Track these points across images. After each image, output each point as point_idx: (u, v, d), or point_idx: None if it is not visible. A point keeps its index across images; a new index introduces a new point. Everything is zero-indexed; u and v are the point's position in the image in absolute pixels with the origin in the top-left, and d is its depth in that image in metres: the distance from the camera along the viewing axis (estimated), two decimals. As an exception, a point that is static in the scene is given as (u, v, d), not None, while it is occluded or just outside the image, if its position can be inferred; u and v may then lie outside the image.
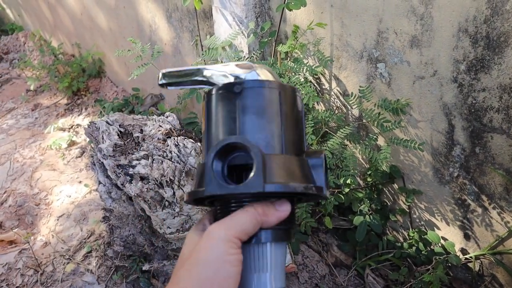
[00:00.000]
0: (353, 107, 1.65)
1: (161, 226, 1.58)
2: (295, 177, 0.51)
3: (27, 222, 2.40)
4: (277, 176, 0.49)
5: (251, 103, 0.52)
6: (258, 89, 0.53)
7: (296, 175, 0.51)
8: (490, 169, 1.34)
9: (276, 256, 0.52)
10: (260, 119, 0.52)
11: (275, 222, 0.50)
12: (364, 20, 1.45)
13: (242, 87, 0.53)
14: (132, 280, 1.86)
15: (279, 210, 0.51)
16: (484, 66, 1.21)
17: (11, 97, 4.00)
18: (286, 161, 0.51)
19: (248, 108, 0.52)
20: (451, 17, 1.22)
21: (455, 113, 1.35)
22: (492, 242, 1.45)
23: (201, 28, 2.19)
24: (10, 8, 5.50)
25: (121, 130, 1.67)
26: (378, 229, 1.66)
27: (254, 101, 0.53)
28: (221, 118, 0.53)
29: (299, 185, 0.50)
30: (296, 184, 0.50)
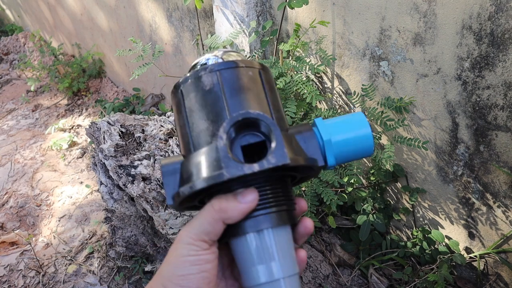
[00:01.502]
0: (356, 105, 1.64)
1: (163, 226, 1.57)
2: (301, 152, 0.49)
3: (29, 223, 2.39)
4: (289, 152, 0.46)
5: (235, 84, 0.50)
6: (237, 69, 0.51)
7: (300, 150, 0.49)
8: (495, 167, 1.33)
9: (279, 241, 0.47)
10: (248, 99, 0.49)
11: (239, 217, 0.45)
12: (366, 18, 1.44)
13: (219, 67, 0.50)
14: (135, 281, 1.86)
15: (242, 203, 0.45)
16: (489, 63, 1.20)
17: (12, 98, 3.99)
18: (287, 138, 0.48)
19: (233, 90, 0.49)
20: (454, 14, 1.21)
21: (459, 111, 1.34)
22: (497, 240, 1.44)
23: (202, 27, 2.18)
24: (10, 9, 5.49)
25: (123, 130, 1.66)
26: (381, 228, 1.65)
27: (237, 82, 0.50)
28: (204, 106, 0.49)
29: (312, 158, 0.49)
30: (310, 158, 0.48)
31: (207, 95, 0.49)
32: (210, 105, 0.49)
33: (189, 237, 0.45)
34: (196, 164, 0.47)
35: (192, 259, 0.45)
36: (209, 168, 0.45)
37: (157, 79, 3.00)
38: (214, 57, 0.54)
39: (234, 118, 0.45)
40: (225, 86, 0.49)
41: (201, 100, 0.49)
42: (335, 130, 0.51)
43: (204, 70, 0.50)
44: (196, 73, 0.50)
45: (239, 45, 1.85)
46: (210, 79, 0.49)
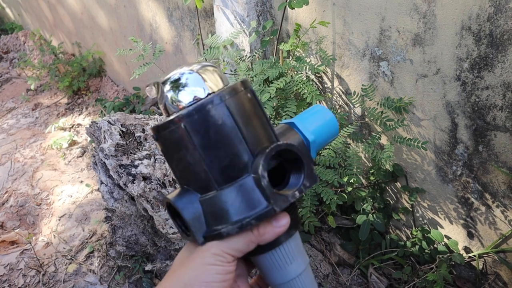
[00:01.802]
0: (356, 105, 1.64)
1: (164, 226, 1.57)
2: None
3: (29, 222, 2.40)
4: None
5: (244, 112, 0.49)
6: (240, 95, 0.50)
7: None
8: (494, 167, 1.34)
9: (292, 247, 0.54)
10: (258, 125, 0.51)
11: (273, 239, 0.50)
12: (366, 19, 1.44)
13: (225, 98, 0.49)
14: (135, 280, 1.86)
15: (277, 227, 0.50)
16: (488, 64, 1.21)
17: (11, 97, 4.00)
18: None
19: (244, 119, 0.49)
20: (454, 15, 1.22)
21: (458, 111, 1.35)
22: (495, 240, 1.45)
23: (203, 26, 2.18)
24: (10, 7, 5.49)
25: (123, 129, 1.66)
26: (381, 228, 1.65)
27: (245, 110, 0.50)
28: (220, 141, 0.48)
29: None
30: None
31: (222, 129, 0.48)
32: (226, 139, 0.48)
33: (219, 249, 0.48)
34: (233, 202, 0.48)
35: (218, 268, 0.48)
36: (254, 204, 0.48)
37: (157, 78, 3.00)
38: (189, 71, 0.52)
39: (269, 154, 0.47)
40: (236, 117, 0.48)
41: (216, 135, 0.48)
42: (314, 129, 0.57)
43: (210, 102, 0.48)
44: (202, 106, 0.48)
45: (239, 44, 1.85)
46: (220, 111, 0.48)
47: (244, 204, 0.48)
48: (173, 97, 0.51)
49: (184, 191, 0.51)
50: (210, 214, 0.49)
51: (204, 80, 0.51)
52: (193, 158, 0.48)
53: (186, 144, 0.48)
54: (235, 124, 0.48)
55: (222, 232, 0.48)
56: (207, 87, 0.51)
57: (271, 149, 0.47)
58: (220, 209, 0.48)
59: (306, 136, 0.56)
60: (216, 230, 0.48)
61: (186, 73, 0.52)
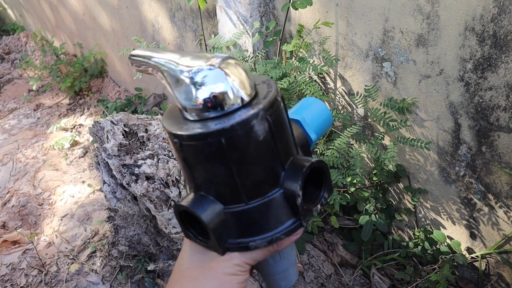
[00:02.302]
0: (359, 106, 1.65)
1: (167, 225, 1.57)
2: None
3: (31, 222, 2.40)
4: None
5: (281, 126, 0.47)
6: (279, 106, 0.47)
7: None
8: (497, 168, 1.34)
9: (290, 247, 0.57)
10: (289, 139, 0.49)
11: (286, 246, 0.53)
12: (370, 19, 1.45)
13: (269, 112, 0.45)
14: (137, 280, 1.86)
15: (294, 235, 0.51)
16: (491, 64, 1.21)
17: (13, 97, 4.00)
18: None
19: (280, 133, 0.46)
20: (457, 15, 1.22)
21: (461, 112, 1.35)
22: (498, 241, 1.45)
23: (205, 27, 2.19)
24: (11, 8, 5.50)
25: (126, 129, 1.67)
26: (383, 228, 1.65)
27: (282, 123, 0.47)
28: (258, 157, 0.45)
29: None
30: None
31: (261, 145, 0.44)
32: (264, 154, 0.45)
33: (241, 260, 0.49)
34: (262, 216, 0.47)
35: (238, 278, 0.49)
36: (283, 219, 0.48)
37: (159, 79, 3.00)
38: (209, 67, 0.44)
39: (305, 173, 0.46)
40: (274, 131, 0.45)
41: (255, 151, 0.44)
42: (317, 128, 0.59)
43: (255, 117, 0.43)
44: (246, 121, 0.43)
45: (242, 45, 1.85)
46: (262, 126, 0.44)
47: (274, 219, 0.47)
48: (205, 100, 0.44)
49: (203, 198, 0.47)
50: (235, 225, 0.48)
51: (239, 83, 0.45)
52: (225, 171, 0.45)
53: (220, 158, 0.44)
54: (273, 139, 0.45)
55: (250, 245, 0.47)
56: (245, 95, 0.45)
57: (307, 168, 0.46)
58: (248, 222, 0.47)
59: (310, 135, 0.57)
60: (242, 242, 0.48)
61: (221, 72, 0.44)
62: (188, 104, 0.45)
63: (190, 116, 0.45)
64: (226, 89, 0.43)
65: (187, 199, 0.48)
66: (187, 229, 0.50)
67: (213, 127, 0.42)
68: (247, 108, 0.44)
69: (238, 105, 0.44)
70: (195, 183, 0.48)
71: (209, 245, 0.49)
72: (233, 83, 0.44)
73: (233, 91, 0.44)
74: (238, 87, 0.44)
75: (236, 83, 0.44)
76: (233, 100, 0.44)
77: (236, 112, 0.44)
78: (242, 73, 0.46)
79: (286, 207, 0.47)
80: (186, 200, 0.48)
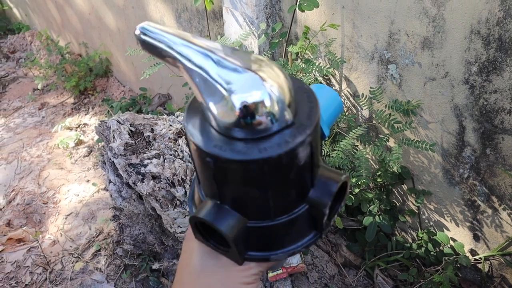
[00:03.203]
0: (364, 108, 1.66)
1: (172, 225, 1.59)
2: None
3: (35, 220, 2.42)
4: None
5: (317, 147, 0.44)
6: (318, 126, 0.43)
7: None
8: (501, 171, 1.35)
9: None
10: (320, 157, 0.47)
11: None
12: (375, 22, 1.46)
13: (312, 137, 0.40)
14: (142, 279, 1.88)
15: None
16: (496, 68, 1.22)
17: (18, 96, 4.02)
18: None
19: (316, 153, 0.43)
20: (463, 19, 1.23)
21: (466, 115, 1.36)
22: (502, 243, 1.45)
23: (211, 28, 2.20)
24: (17, 7, 5.53)
25: (132, 129, 1.68)
26: (387, 229, 1.66)
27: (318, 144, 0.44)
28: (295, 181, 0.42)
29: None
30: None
31: (301, 169, 0.42)
32: (301, 177, 0.43)
33: (259, 270, 0.49)
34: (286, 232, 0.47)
35: (253, 285, 0.50)
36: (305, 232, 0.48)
37: (164, 79, 3.02)
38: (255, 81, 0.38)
39: (334, 193, 0.44)
40: (314, 153, 0.42)
41: (295, 175, 0.42)
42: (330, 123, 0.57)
43: (301, 145, 0.39)
44: (293, 150, 0.38)
45: (248, 46, 1.87)
46: (306, 152, 0.41)
47: (296, 233, 0.47)
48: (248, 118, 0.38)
49: (225, 211, 0.44)
50: (258, 239, 0.46)
51: (286, 101, 0.39)
52: (259, 194, 0.42)
53: (258, 183, 0.41)
54: (311, 160, 0.42)
55: (271, 258, 0.47)
56: (290, 115, 0.40)
57: (336, 187, 0.44)
58: (272, 237, 0.46)
59: (324, 132, 0.54)
60: (264, 255, 0.47)
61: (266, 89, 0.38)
62: (225, 119, 0.39)
63: (223, 131, 0.40)
64: (272, 109, 0.38)
65: (205, 210, 0.44)
66: (205, 238, 0.47)
67: (257, 155, 0.38)
68: (292, 131, 0.40)
69: (283, 125, 0.40)
70: (220, 196, 0.44)
71: (228, 254, 0.47)
72: (280, 101, 0.39)
73: (279, 110, 0.39)
74: (283, 106, 0.39)
75: (282, 103, 0.39)
76: (279, 120, 0.39)
77: (281, 136, 0.39)
78: (288, 90, 0.40)
79: (309, 221, 0.46)
80: (205, 212, 0.44)
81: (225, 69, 0.38)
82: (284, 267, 1.63)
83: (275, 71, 0.40)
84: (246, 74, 0.38)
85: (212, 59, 0.39)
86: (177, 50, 0.39)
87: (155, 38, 0.40)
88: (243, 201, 0.43)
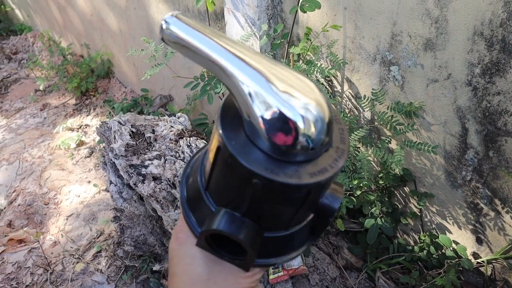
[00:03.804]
0: (366, 109, 1.65)
1: (173, 226, 1.58)
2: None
3: (36, 221, 2.41)
4: None
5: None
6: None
7: None
8: (504, 173, 1.34)
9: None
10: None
11: None
12: (378, 23, 1.45)
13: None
14: (142, 280, 1.87)
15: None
16: (500, 69, 1.21)
17: (20, 97, 4.03)
18: None
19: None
20: (466, 20, 1.22)
21: (469, 117, 1.35)
22: (505, 246, 1.44)
23: (212, 29, 2.19)
24: (19, 9, 5.54)
25: (133, 130, 1.68)
26: (389, 232, 1.65)
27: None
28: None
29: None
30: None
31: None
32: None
33: (261, 274, 0.51)
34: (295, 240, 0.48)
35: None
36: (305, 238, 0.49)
37: (166, 80, 3.02)
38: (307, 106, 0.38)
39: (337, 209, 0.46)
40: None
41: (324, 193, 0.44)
42: None
43: (342, 169, 0.42)
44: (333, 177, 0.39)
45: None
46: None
47: (300, 240, 0.48)
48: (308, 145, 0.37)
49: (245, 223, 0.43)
50: (269, 247, 0.46)
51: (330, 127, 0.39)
52: (291, 210, 0.42)
53: (296, 202, 0.41)
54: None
55: (276, 263, 0.48)
56: (328, 136, 0.39)
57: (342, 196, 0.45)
58: (282, 246, 0.47)
59: None
60: (270, 262, 0.48)
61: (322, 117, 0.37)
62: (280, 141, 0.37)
63: (275, 153, 0.38)
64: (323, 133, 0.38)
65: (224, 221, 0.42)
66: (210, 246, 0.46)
67: (308, 180, 0.37)
68: (332, 154, 0.40)
69: (324, 149, 0.39)
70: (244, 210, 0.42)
71: (236, 262, 0.46)
72: (328, 124, 0.38)
73: (327, 134, 0.38)
74: (330, 129, 0.39)
75: (329, 125, 0.38)
76: (326, 144, 0.39)
77: (324, 159, 0.39)
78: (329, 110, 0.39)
79: (309, 228, 0.48)
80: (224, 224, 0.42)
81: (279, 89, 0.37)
82: (285, 269, 1.63)
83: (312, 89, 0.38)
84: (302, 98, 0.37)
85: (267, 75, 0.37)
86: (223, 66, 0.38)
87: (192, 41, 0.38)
88: (269, 216, 0.43)
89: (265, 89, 0.36)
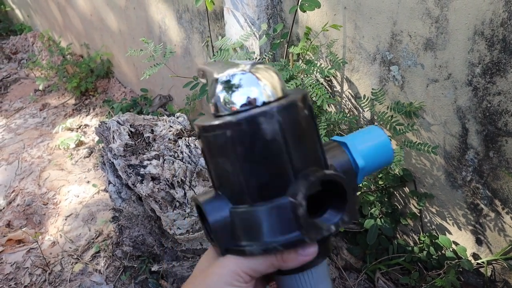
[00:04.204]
0: (365, 109, 1.64)
1: (171, 226, 1.57)
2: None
3: (35, 221, 2.41)
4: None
5: (296, 131, 0.46)
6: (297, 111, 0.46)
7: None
8: (504, 174, 1.33)
9: (316, 276, 0.51)
10: (309, 148, 0.47)
11: (296, 267, 0.48)
12: (378, 23, 1.44)
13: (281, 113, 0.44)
14: (141, 281, 1.86)
15: (302, 255, 0.47)
16: (500, 69, 1.21)
17: (19, 97, 4.02)
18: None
19: (295, 138, 0.45)
20: (467, 20, 1.22)
21: (469, 117, 1.34)
22: (505, 247, 1.44)
23: (212, 29, 2.19)
24: (19, 9, 5.54)
25: (132, 130, 1.67)
26: (389, 232, 1.65)
27: (298, 129, 0.46)
28: (265, 157, 0.45)
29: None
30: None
31: (269, 145, 0.44)
32: (271, 156, 0.45)
33: (239, 267, 0.47)
34: (263, 221, 0.46)
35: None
36: (285, 229, 0.45)
37: (165, 80, 3.01)
38: (248, 72, 0.47)
39: (312, 183, 0.44)
40: (287, 135, 0.44)
41: (262, 150, 0.44)
42: (365, 152, 0.53)
43: (264, 115, 0.44)
44: (253, 117, 0.44)
45: (249, 47, 1.86)
46: (272, 126, 0.44)
47: (275, 227, 0.45)
48: (226, 97, 0.46)
49: (216, 196, 0.48)
50: (238, 227, 0.47)
51: (262, 86, 0.46)
52: (232, 167, 0.46)
53: (228, 152, 0.45)
54: (284, 142, 0.44)
55: (245, 250, 0.46)
56: (263, 95, 0.46)
57: (316, 178, 0.44)
58: (249, 225, 0.46)
59: (356, 160, 0.52)
60: (240, 246, 0.47)
61: (243, 74, 0.46)
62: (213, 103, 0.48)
63: (213, 112, 0.49)
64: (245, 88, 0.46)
65: (204, 194, 0.49)
66: (203, 224, 0.50)
67: (222, 120, 0.45)
68: (261, 107, 0.45)
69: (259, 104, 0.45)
70: (211, 178, 0.50)
71: (214, 243, 0.49)
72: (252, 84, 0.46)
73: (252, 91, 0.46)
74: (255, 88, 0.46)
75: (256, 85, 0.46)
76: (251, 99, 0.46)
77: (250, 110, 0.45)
78: (268, 78, 0.48)
79: (291, 218, 0.45)
80: (202, 195, 0.49)
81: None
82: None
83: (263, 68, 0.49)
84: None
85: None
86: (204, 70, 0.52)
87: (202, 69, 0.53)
88: (223, 180, 0.48)
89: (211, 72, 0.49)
